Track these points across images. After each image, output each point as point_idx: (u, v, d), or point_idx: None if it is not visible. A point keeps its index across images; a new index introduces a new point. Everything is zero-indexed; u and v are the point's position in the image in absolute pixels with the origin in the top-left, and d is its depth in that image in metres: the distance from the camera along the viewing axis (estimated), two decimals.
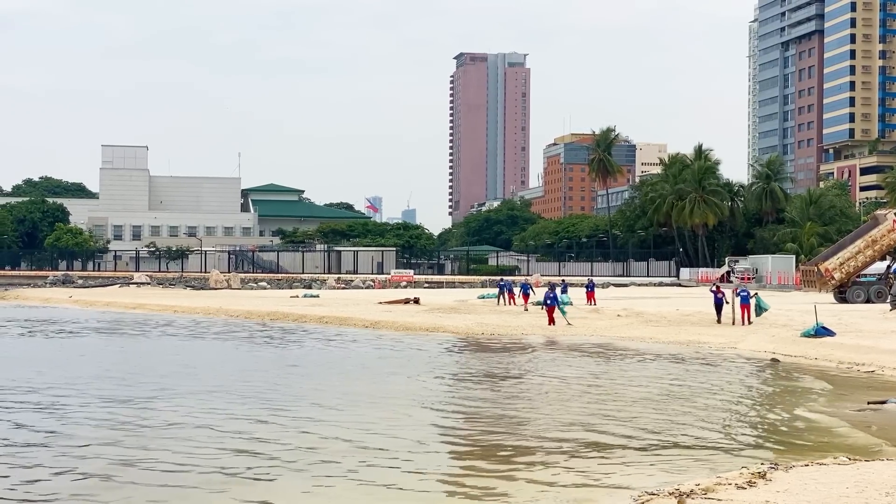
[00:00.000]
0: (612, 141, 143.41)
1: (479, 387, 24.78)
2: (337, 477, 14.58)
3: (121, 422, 19.38)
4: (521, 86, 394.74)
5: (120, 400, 22.28)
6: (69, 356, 33.29)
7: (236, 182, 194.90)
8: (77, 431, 18.27)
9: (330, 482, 14.30)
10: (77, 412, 20.54)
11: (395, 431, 18.22)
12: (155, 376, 27.05)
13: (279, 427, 18.71)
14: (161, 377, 26.82)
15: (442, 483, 14.42)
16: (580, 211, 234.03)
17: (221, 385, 24.95)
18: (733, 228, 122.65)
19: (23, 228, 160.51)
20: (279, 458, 15.83)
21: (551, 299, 43.58)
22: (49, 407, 21.27)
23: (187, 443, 17.13)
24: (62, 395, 23.13)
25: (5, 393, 23.37)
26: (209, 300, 68.45)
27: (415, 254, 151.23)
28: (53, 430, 18.48)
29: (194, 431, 18.27)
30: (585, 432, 18.17)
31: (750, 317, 40.87)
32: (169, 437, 17.70)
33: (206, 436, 17.79)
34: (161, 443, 17.18)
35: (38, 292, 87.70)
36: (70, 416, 20.02)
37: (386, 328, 44.23)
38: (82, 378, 26.55)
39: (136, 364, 31.06)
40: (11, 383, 25.14)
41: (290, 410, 20.72)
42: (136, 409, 20.92)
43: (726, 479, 13.29)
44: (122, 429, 18.62)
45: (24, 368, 29.00)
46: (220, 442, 17.21)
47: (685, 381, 25.50)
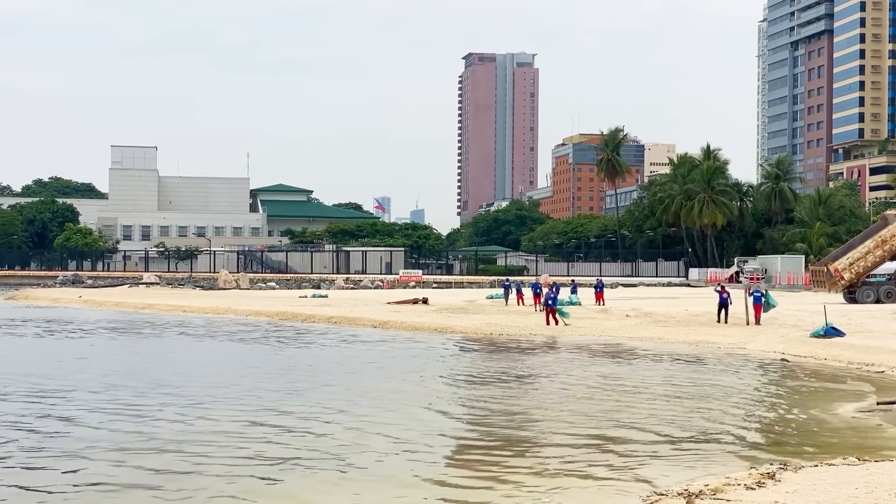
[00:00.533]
0: (620, 141, 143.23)
1: (488, 387, 24.78)
2: (356, 470, 14.62)
3: (168, 421, 19.43)
4: (529, 86, 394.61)
5: (161, 401, 22.34)
6: (86, 356, 33.34)
7: (245, 182, 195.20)
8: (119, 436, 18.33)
9: (351, 476, 14.34)
10: (110, 413, 20.59)
11: (406, 431, 18.24)
12: (172, 379, 27.12)
13: (302, 428, 18.74)
14: (175, 380, 26.88)
15: (446, 480, 14.42)
16: (589, 211, 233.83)
17: (240, 386, 25.00)
18: (742, 228, 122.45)
19: (33, 229, 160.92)
20: (308, 456, 15.90)
21: (552, 300, 43.55)
22: (82, 408, 21.31)
23: (206, 447, 17.19)
24: (99, 395, 23.20)
25: (42, 395, 23.42)
26: (218, 300, 68.53)
27: (423, 254, 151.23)
28: (96, 428, 18.53)
29: (209, 436, 18.31)
30: (593, 432, 18.17)
31: (759, 317, 40.92)
32: (184, 444, 17.76)
33: (224, 438, 17.85)
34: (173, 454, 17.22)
35: (48, 292, 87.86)
36: (102, 417, 20.05)
37: (395, 328, 44.25)
38: (107, 379, 26.64)
39: (157, 365, 31.13)
40: (41, 386, 25.19)
41: (296, 410, 20.76)
42: (177, 412, 20.97)
43: (735, 479, 13.30)
44: (171, 431, 18.67)
45: (47, 370, 29.05)
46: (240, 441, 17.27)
47: (694, 382, 25.48)
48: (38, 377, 26.56)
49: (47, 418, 19.83)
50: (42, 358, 32.56)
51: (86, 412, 20.50)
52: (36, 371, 28.21)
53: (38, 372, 27.92)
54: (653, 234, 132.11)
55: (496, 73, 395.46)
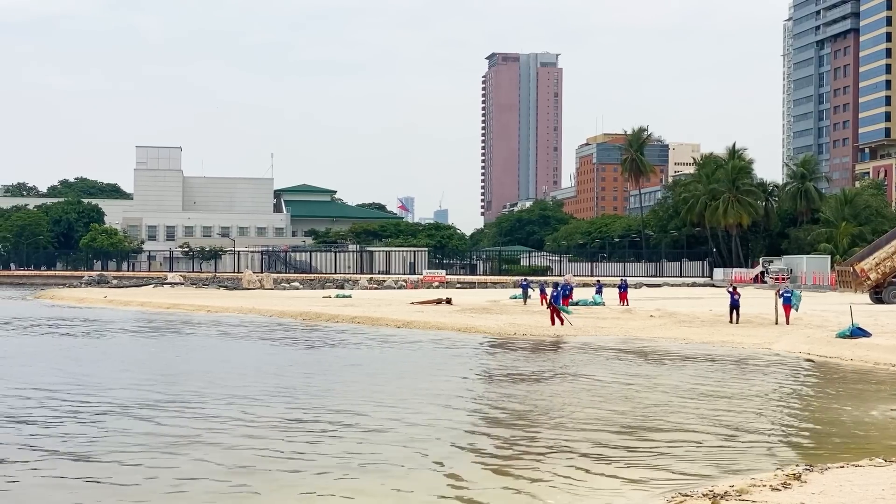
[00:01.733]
0: (644, 141, 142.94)
1: (512, 386, 24.73)
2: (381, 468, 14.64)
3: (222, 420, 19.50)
4: (553, 86, 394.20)
5: (218, 403, 22.42)
6: (114, 356, 33.51)
7: (269, 183, 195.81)
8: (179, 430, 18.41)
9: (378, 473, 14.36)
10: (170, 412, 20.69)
11: (434, 430, 18.23)
12: (207, 377, 27.23)
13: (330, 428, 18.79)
14: (212, 379, 26.98)
15: (469, 478, 14.39)
16: (612, 211, 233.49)
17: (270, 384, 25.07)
18: (767, 228, 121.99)
19: (58, 229, 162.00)
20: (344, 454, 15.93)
21: (554, 299, 43.42)
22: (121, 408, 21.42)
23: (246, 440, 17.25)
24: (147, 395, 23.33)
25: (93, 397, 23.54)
26: (242, 300, 68.76)
27: (447, 254, 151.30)
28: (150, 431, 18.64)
29: (229, 438, 18.36)
30: (618, 432, 18.10)
31: (788, 317, 41.25)
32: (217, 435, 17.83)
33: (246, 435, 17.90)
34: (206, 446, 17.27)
35: (74, 292, 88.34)
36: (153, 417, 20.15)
37: (418, 328, 44.25)
38: (148, 380, 26.79)
39: (197, 366, 31.27)
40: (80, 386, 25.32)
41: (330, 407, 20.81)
42: (229, 411, 21.04)
43: (760, 480, 13.22)
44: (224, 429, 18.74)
45: (82, 370, 29.22)
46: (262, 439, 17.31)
47: (718, 382, 25.35)
48: (82, 376, 26.73)
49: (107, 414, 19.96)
50: (84, 357, 32.70)
51: (130, 410, 20.61)
52: (83, 371, 28.39)
53: (83, 372, 28.10)
54: (677, 235, 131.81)
55: (520, 73, 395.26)
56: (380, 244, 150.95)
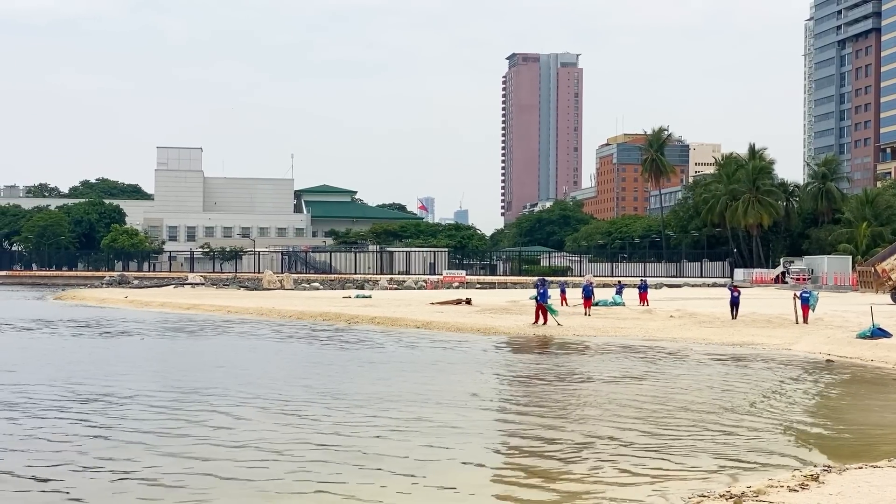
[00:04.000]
0: (664, 141, 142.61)
1: (532, 387, 24.76)
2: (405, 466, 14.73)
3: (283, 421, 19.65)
4: (573, 86, 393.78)
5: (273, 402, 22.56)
6: (145, 357, 33.71)
7: (289, 183, 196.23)
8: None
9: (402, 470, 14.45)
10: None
11: (453, 430, 18.29)
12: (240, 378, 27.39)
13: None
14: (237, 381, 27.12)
15: (489, 478, 14.44)
16: (633, 211, 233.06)
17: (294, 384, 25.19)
18: (788, 229, 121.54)
19: (80, 229, 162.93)
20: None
21: (541, 296, 43.29)
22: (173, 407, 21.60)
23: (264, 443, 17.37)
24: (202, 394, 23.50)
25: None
26: (262, 301, 68.91)
27: (467, 254, 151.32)
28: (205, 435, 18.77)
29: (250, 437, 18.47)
30: (636, 432, 18.10)
31: (807, 317, 41.43)
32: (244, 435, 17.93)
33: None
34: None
35: (95, 292, 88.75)
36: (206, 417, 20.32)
37: (438, 329, 44.28)
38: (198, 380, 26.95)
39: (221, 366, 31.41)
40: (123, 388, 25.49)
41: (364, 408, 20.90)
42: (284, 414, 21.16)
43: (778, 481, 13.22)
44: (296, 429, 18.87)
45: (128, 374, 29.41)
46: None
47: (739, 383, 25.31)
48: (117, 376, 26.93)
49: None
50: (112, 357, 32.92)
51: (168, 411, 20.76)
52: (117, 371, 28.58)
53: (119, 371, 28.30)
54: (698, 235, 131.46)
55: (540, 73, 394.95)
56: (400, 244, 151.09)
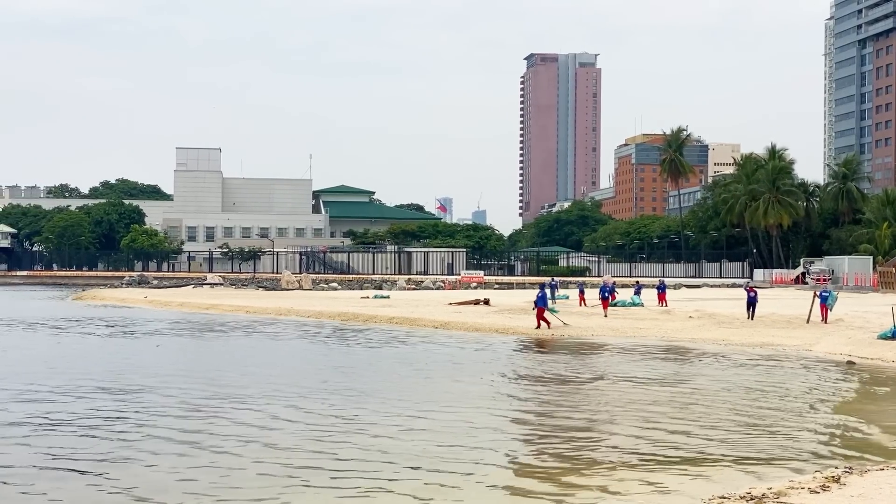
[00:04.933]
0: (683, 141, 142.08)
1: (551, 388, 24.68)
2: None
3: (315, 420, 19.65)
4: (591, 86, 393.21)
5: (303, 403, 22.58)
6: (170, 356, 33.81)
7: (307, 183, 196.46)
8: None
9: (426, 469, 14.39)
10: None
11: (472, 431, 18.23)
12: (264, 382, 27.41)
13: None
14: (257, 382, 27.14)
15: (505, 481, 14.38)
16: (651, 212, 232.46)
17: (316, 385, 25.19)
18: (808, 229, 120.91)
19: (100, 230, 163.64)
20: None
21: (540, 299, 43.07)
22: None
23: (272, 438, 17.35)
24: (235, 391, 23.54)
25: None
26: (281, 301, 69.03)
27: (485, 255, 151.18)
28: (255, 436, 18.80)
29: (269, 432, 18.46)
30: (657, 433, 18.02)
31: (826, 317, 41.58)
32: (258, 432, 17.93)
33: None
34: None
35: (115, 292, 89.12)
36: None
37: (456, 329, 44.25)
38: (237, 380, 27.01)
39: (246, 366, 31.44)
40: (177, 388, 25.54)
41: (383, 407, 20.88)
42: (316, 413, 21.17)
43: (799, 483, 13.11)
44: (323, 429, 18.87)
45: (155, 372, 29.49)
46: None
47: (758, 384, 25.17)
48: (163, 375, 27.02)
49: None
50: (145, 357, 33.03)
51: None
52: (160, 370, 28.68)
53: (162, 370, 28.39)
54: (717, 235, 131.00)
55: (558, 74, 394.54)
56: (418, 245, 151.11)
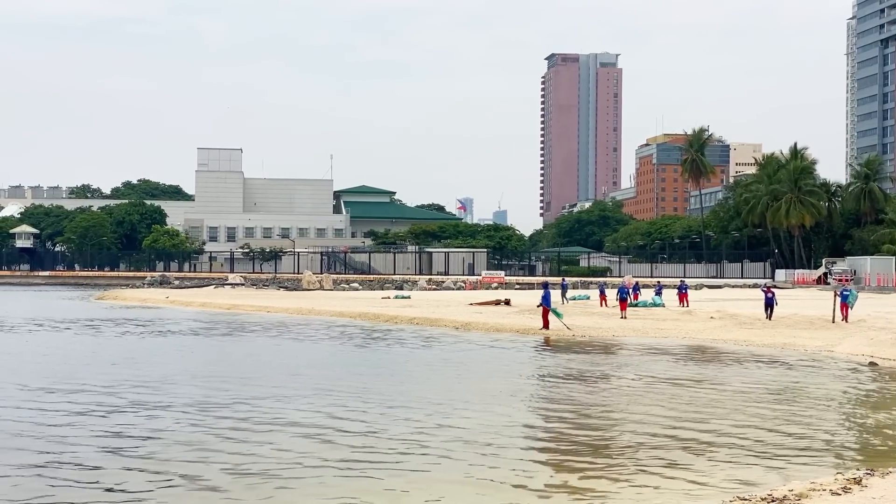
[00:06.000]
0: (705, 141, 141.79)
1: (572, 388, 24.66)
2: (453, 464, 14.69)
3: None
4: (612, 86, 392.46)
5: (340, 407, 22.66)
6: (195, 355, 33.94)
7: (328, 184, 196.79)
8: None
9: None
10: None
11: (496, 430, 18.25)
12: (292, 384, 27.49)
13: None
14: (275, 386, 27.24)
15: (529, 480, 14.38)
16: (673, 212, 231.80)
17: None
18: (830, 229, 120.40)
19: (121, 230, 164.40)
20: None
21: (544, 300, 43.00)
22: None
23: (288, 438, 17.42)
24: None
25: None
26: (302, 301, 69.21)
27: (506, 255, 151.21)
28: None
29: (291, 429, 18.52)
30: (678, 434, 17.98)
31: (847, 315, 41.84)
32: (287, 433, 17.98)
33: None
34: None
35: (136, 293, 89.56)
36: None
37: (477, 330, 44.26)
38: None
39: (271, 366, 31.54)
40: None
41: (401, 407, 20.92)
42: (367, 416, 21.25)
43: (820, 484, 13.07)
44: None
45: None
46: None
47: (780, 385, 25.09)
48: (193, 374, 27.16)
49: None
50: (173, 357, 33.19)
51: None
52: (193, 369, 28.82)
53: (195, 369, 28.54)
54: (738, 235, 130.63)
55: (579, 74, 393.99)
56: (439, 245, 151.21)
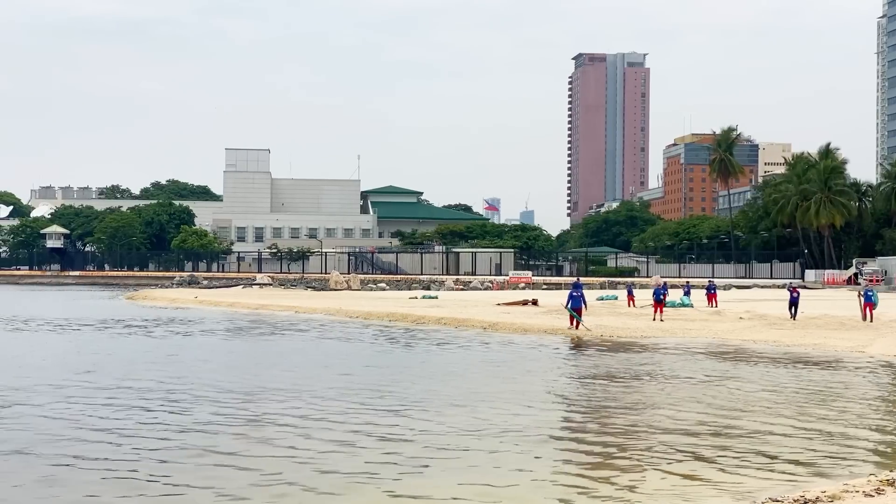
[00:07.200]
0: (733, 141, 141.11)
1: (601, 388, 24.56)
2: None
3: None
4: (640, 86, 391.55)
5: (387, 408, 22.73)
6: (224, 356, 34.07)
7: (356, 184, 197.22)
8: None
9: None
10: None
11: (523, 430, 18.21)
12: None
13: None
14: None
15: (553, 477, 14.33)
16: (700, 212, 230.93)
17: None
18: (861, 229, 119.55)
19: (150, 230, 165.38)
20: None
21: (573, 300, 42.75)
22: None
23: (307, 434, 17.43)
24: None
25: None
26: (329, 301, 69.32)
27: (533, 255, 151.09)
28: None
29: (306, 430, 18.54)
30: (710, 434, 17.89)
31: (871, 314, 42.62)
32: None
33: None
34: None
35: (165, 293, 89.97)
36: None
37: (505, 330, 44.17)
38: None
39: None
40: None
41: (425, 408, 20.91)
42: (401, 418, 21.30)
43: (853, 486, 12.95)
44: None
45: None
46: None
47: (812, 386, 24.91)
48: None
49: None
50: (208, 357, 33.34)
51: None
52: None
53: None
54: (767, 235, 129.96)
55: (606, 74, 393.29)
56: (466, 245, 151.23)
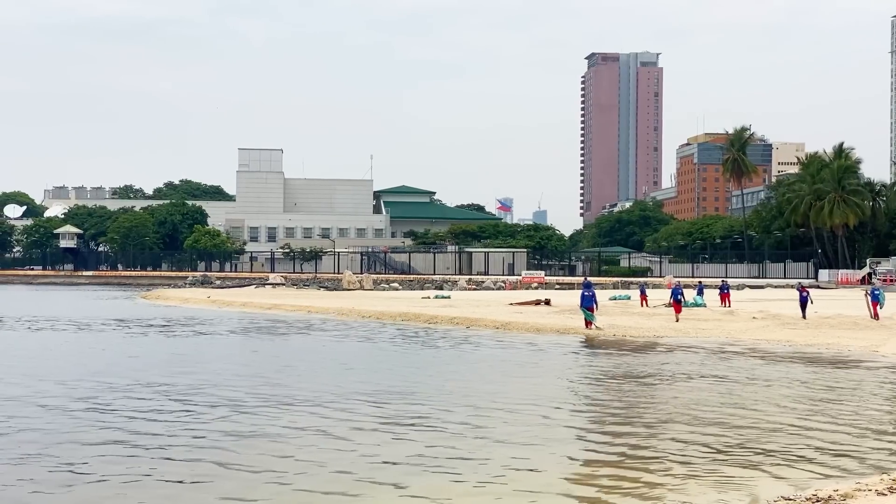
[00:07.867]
0: (746, 140, 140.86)
1: (614, 388, 24.56)
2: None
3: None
4: (653, 85, 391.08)
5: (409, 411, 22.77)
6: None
7: (368, 184, 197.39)
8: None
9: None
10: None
11: (541, 430, 18.22)
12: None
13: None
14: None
15: (565, 480, 14.35)
16: (714, 212, 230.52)
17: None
18: (875, 229, 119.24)
19: (163, 230, 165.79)
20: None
21: (586, 299, 42.59)
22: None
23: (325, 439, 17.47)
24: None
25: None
26: (342, 301, 69.39)
27: (546, 255, 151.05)
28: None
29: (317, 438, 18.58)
30: (723, 434, 17.86)
31: (878, 313, 43.44)
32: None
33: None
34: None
35: (178, 292, 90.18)
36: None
37: (517, 330, 44.16)
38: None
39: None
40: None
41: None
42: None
43: (866, 485, 12.94)
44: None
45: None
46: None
47: (826, 385, 24.85)
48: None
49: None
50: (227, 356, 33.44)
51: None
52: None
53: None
54: (781, 235, 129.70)
55: (619, 73, 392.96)
56: (478, 245, 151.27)
